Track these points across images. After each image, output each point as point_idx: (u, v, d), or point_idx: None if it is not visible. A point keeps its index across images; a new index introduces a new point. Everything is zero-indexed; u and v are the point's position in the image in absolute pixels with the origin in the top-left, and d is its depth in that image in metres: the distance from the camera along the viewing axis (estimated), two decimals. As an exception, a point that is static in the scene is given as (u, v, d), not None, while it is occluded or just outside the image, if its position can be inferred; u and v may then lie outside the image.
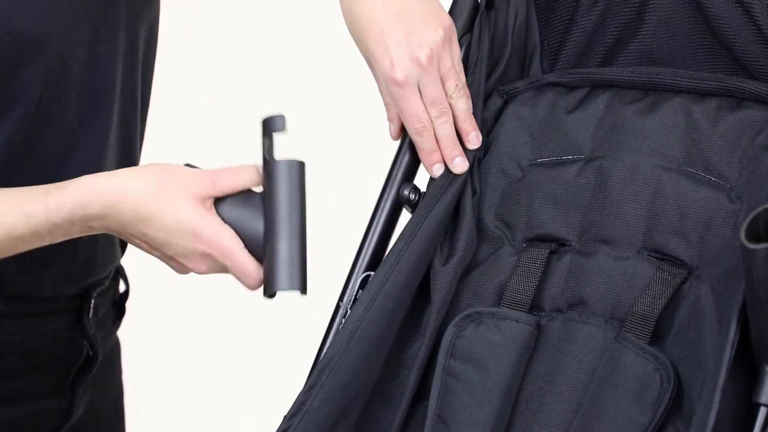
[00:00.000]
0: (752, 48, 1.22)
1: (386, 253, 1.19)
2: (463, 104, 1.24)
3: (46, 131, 1.21)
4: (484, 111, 1.30)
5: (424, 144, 1.23)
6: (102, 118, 1.26)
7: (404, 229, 1.20)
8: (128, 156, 1.34)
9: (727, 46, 1.23)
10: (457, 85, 1.23)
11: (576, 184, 1.24)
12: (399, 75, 1.20)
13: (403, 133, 1.26)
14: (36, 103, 1.19)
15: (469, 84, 1.26)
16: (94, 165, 1.25)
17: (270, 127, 1.16)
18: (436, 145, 1.23)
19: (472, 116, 1.25)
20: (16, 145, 1.19)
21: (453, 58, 1.24)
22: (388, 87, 1.22)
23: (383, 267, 1.17)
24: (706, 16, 1.24)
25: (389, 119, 1.26)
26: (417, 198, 1.24)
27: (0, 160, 1.19)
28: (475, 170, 1.27)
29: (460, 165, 1.24)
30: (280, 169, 1.14)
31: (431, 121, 1.22)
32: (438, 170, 1.24)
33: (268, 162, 1.15)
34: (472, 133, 1.25)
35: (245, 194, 1.15)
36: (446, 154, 1.23)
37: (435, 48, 1.21)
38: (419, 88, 1.22)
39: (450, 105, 1.23)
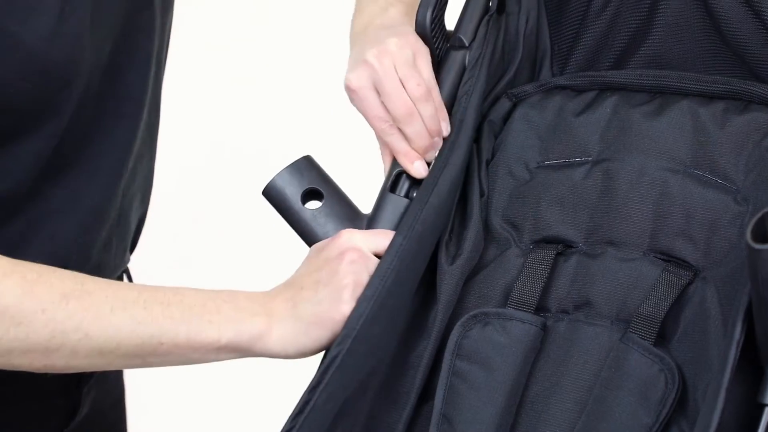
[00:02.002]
0: (762, 51, 1.22)
1: (386, 249, 1.18)
2: (428, 109, 1.23)
3: (65, 142, 1.21)
4: (492, 113, 1.30)
5: (396, 143, 1.22)
6: (126, 126, 1.26)
7: (402, 223, 1.19)
8: (149, 161, 1.34)
9: (737, 50, 1.24)
10: (418, 84, 1.22)
11: (583, 186, 1.24)
12: (350, 79, 1.21)
13: None
14: (68, 118, 1.19)
15: (466, 81, 1.26)
16: (117, 172, 1.26)
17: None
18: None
19: (439, 121, 1.24)
20: (44, 160, 1.20)
21: (416, 67, 1.23)
22: (349, 99, 1.22)
23: (383, 263, 1.16)
24: (716, 20, 1.24)
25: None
26: None
27: (30, 176, 1.19)
28: (482, 172, 1.28)
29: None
30: (391, 200, 1.23)
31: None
32: (419, 168, 1.23)
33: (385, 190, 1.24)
34: (436, 139, 1.24)
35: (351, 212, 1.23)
36: (426, 151, 1.23)
37: (384, 49, 1.21)
38: (378, 91, 1.21)
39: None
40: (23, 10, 1.10)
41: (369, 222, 1.23)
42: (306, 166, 1.24)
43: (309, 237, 1.22)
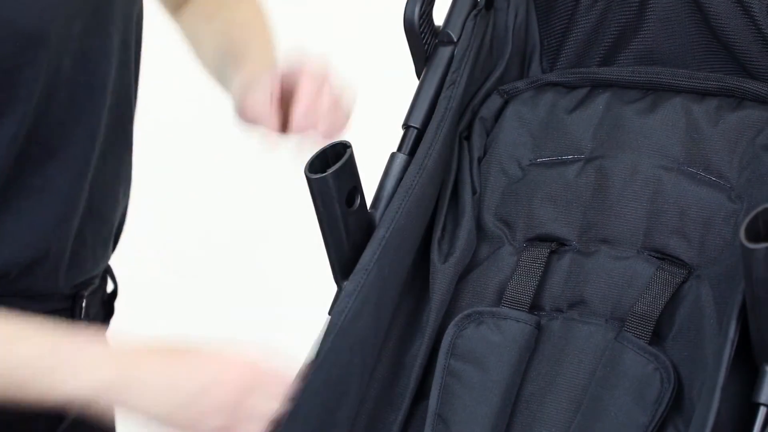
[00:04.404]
0: (752, 48, 1.22)
1: (369, 243, 1.17)
2: None
3: (40, 128, 1.20)
4: (483, 110, 1.30)
5: None
6: (95, 113, 1.25)
7: (384, 217, 1.18)
8: (124, 154, 1.34)
9: (727, 46, 1.24)
10: None
11: (576, 184, 1.24)
12: None
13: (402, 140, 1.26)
14: (36, 100, 1.18)
15: (453, 71, 1.25)
16: (86, 160, 1.25)
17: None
18: None
19: None
20: (18, 143, 1.19)
21: None
22: None
23: (366, 256, 1.16)
24: (706, 16, 1.24)
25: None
26: None
27: (4, 160, 1.19)
28: (475, 170, 1.28)
29: None
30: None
31: None
32: None
33: None
34: None
35: None
36: None
37: None
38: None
39: None
40: None
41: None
42: (352, 160, 1.18)
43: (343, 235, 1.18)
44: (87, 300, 1.33)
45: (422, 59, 1.29)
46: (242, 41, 1.32)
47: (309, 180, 1.15)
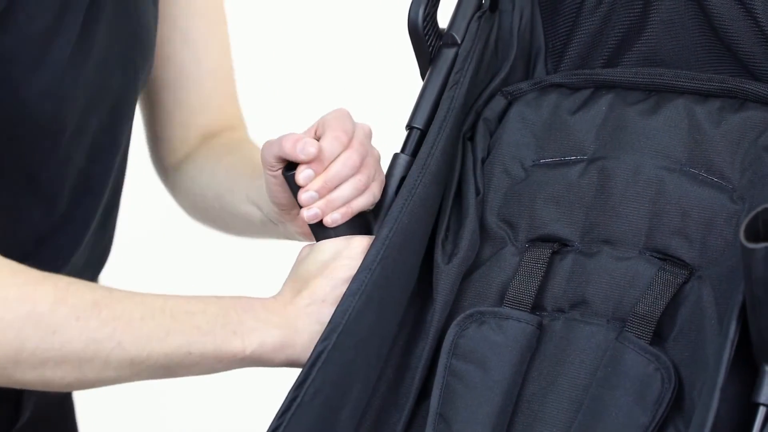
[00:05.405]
0: (755, 50, 1.22)
1: (371, 242, 1.18)
2: None
3: (34, 212, 1.21)
4: (487, 112, 1.30)
5: None
6: (90, 202, 1.27)
7: (388, 216, 1.19)
8: (105, 237, 1.35)
9: (730, 48, 1.24)
10: None
11: (579, 185, 1.24)
12: None
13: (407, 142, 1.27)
14: (42, 186, 1.19)
15: (456, 71, 1.26)
16: (72, 246, 1.26)
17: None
18: None
19: None
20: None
21: None
22: None
23: (369, 256, 1.17)
24: (709, 18, 1.24)
25: None
26: None
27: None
28: (478, 170, 1.28)
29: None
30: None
31: None
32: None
33: None
34: None
35: None
36: None
37: None
38: None
39: None
40: (30, 62, 1.10)
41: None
42: None
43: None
44: None
45: (426, 61, 1.29)
46: None
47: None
